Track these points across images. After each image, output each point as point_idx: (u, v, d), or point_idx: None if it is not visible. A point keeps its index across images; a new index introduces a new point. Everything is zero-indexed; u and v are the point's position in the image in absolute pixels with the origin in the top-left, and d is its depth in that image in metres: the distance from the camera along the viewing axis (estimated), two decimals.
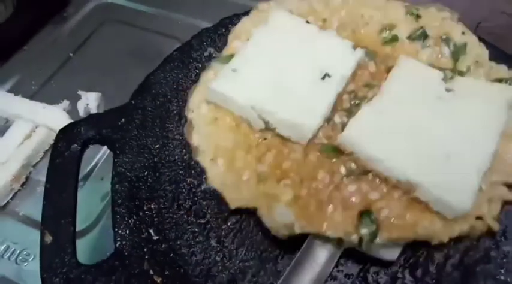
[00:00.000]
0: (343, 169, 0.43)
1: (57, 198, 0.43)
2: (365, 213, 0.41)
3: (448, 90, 0.47)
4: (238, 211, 0.44)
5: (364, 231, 0.40)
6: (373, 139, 0.44)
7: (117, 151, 0.47)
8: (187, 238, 0.42)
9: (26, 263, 0.49)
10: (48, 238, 0.40)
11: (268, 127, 0.46)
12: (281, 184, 0.43)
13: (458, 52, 0.51)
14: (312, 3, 0.56)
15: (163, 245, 0.41)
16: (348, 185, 0.42)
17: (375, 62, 0.51)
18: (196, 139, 0.47)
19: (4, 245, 0.51)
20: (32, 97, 0.65)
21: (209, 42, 0.56)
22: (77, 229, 0.42)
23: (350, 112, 0.47)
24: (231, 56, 0.51)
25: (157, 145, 0.49)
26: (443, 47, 0.52)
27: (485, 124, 0.45)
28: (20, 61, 0.70)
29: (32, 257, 0.50)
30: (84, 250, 0.44)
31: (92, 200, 0.53)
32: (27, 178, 0.57)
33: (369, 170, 0.43)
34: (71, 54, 0.71)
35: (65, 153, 0.46)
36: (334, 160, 0.44)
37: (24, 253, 0.50)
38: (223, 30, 0.57)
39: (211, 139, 0.47)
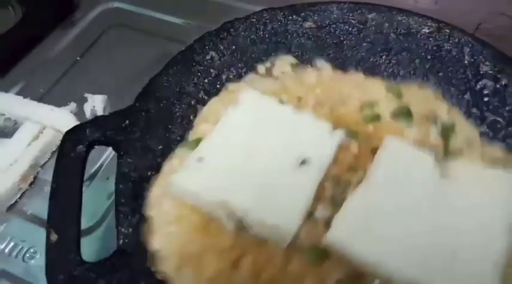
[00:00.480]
0: (334, 277, 0.38)
1: (62, 198, 0.44)
2: None
3: (442, 175, 0.43)
4: None
5: None
6: (365, 238, 0.38)
7: (121, 153, 0.48)
8: None
9: (33, 260, 0.51)
10: (54, 237, 0.41)
11: (241, 227, 0.41)
12: None
13: (447, 131, 0.48)
14: (285, 82, 0.54)
15: None
16: None
17: (357, 143, 0.47)
18: (156, 242, 0.41)
19: (12, 244, 0.52)
20: (40, 99, 0.66)
21: (211, 46, 0.57)
22: (83, 227, 0.43)
23: (334, 203, 0.42)
24: (198, 140, 0.48)
25: (161, 147, 0.50)
26: (430, 126, 0.48)
27: (492, 213, 0.40)
28: (29, 65, 0.72)
29: (38, 255, 0.51)
30: (89, 248, 0.46)
31: (97, 199, 0.54)
32: (35, 178, 0.58)
33: (364, 274, 0.38)
34: (78, 58, 0.73)
35: (70, 154, 0.47)
36: (322, 266, 0.39)
37: (32, 250, 0.52)
38: (225, 34, 0.58)
39: (176, 242, 0.41)
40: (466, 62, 0.53)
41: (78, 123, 0.53)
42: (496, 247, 0.38)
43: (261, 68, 0.57)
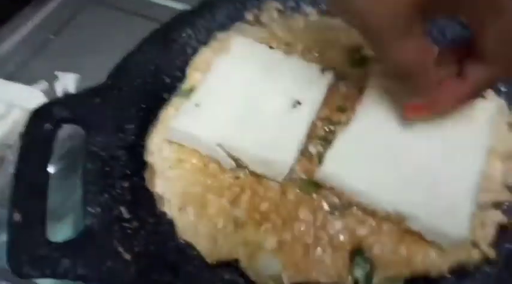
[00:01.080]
0: (326, 206, 0.41)
1: (28, 177, 0.42)
2: (357, 252, 0.39)
3: None
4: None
5: (358, 273, 0.38)
6: (354, 171, 0.41)
7: (91, 131, 0.46)
8: (159, 216, 0.42)
9: None
10: (17, 217, 0.40)
11: (239, 165, 0.43)
12: (262, 229, 0.39)
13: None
14: (273, 29, 0.54)
15: (134, 223, 0.41)
16: (333, 222, 0.40)
17: (346, 84, 0.48)
18: (160, 186, 0.43)
19: None
20: (9, 78, 0.64)
21: (187, 24, 0.56)
22: (49, 209, 0.42)
23: (326, 141, 0.45)
24: (192, 89, 0.48)
25: (133, 126, 0.48)
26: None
27: (469, 143, 0.43)
28: None
29: (4, 237, 0.49)
30: (56, 230, 0.44)
31: (65, 180, 0.53)
32: (2, 159, 0.56)
33: (353, 204, 0.40)
34: (52, 36, 0.70)
35: (36, 132, 0.45)
36: (314, 196, 0.41)
37: None
38: (203, 12, 0.57)
39: (178, 184, 0.42)
40: None
41: None
42: (471, 174, 0.41)
43: (249, 15, 0.56)
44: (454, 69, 0.40)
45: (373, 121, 0.44)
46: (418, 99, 0.40)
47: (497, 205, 0.42)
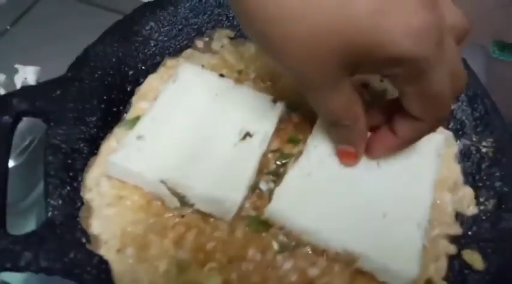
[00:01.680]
0: (275, 245, 0.40)
1: None
2: None
3: None
4: None
5: None
6: (303, 208, 0.39)
7: (52, 124, 0.46)
8: None
9: None
10: None
11: (185, 204, 0.40)
12: (206, 269, 0.38)
13: (379, 98, 0.49)
14: (225, 56, 0.53)
15: None
16: (283, 262, 0.38)
17: (298, 115, 0.47)
18: (96, 226, 0.39)
19: None
20: None
21: (151, 16, 0.56)
22: (8, 201, 0.41)
23: (277, 175, 0.44)
24: (137, 119, 0.46)
25: (95, 118, 0.48)
26: (363, 94, 0.49)
27: (418, 176, 0.42)
28: None
29: None
30: (14, 224, 0.43)
31: (24, 174, 0.52)
32: None
33: (304, 243, 0.39)
34: (8, 27, 0.69)
35: None
36: (264, 234, 0.40)
37: None
38: (166, 5, 0.57)
39: (117, 223, 0.39)
40: None
41: None
42: (421, 207, 0.41)
43: (199, 43, 0.56)
44: (384, 120, 0.41)
45: (323, 155, 0.43)
46: (349, 146, 0.42)
47: (448, 238, 0.43)
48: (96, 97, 0.49)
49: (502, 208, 0.45)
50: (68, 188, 0.42)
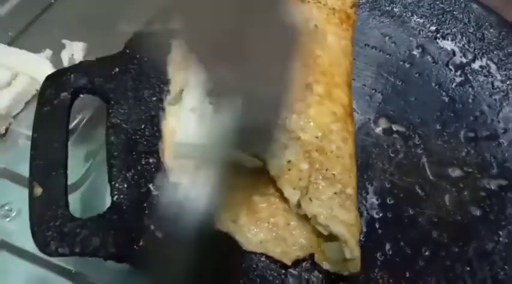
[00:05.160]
0: None
1: (46, 149, 0.40)
2: None
3: None
4: None
5: None
6: None
7: (112, 102, 0.43)
8: None
9: (8, 219, 0.46)
10: (38, 190, 0.37)
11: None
12: None
13: None
14: None
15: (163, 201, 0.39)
16: None
17: None
18: None
19: None
20: (9, 44, 0.59)
21: None
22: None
23: None
24: (181, 92, 0.44)
25: (155, 98, 0.46)
26: None
27: None
28: None
29: (14, 213, 0.46)
30: (74, 205, 0.41)
31: (81, 152, 0.50)
32: (6, 130, 0.52)
33: None
34: (53, 1, 0.66)
35: (53, 101, 0.42)
36: None
37: (6, 208, 0.47)
38: None
39: None
40: None
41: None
42: None
43: None
44: None
45: None
46: None
47: None
48: (155, 76, 0.47)
49: None
50: (132, 171, 0.40)
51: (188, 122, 0.41)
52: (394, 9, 0.59)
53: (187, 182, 0.39)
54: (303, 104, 0.42)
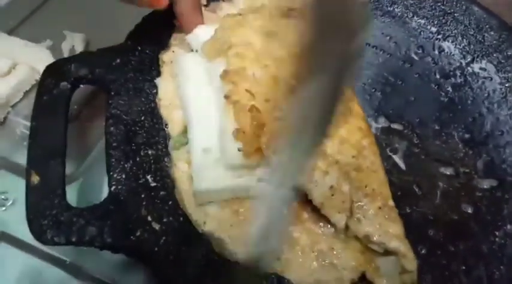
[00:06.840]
0: None
1: (45, 137, 0.39)
2: None
3: None
4: None
5: None
6: None
7: (112, 93, 0.43)
8: None
9: (4, 208, 0.46)
10: (35, 179, 0.37)
11: None
12: None
13: None
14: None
15: (161, 193, 0.39)
16: None
17: None
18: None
19: None
20: (9, 34, 0.59)
21: None
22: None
23: None
24: (184, 130, 0.42)
25: (155, 90, 0.46)
26: None
27: None
28: None
29: (10, 202, 0.46)
30: (71, 196, 0.41)
31: (79, 143, 0.49)
32: (4, 119, 0.52)
33: None
34: None
35: (53, 91, 0.42)
36: None
37: (2, 197, 0.46)
38: None
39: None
40: None
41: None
42: None
43: None
44: None
45: None
46: None
47: None
48: (156, 69, 0.47)
49: None
50: (131, 162, 0.39)
51: (204, 166, 0.38)
52: (396, 9, 0.59)
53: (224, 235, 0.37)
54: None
